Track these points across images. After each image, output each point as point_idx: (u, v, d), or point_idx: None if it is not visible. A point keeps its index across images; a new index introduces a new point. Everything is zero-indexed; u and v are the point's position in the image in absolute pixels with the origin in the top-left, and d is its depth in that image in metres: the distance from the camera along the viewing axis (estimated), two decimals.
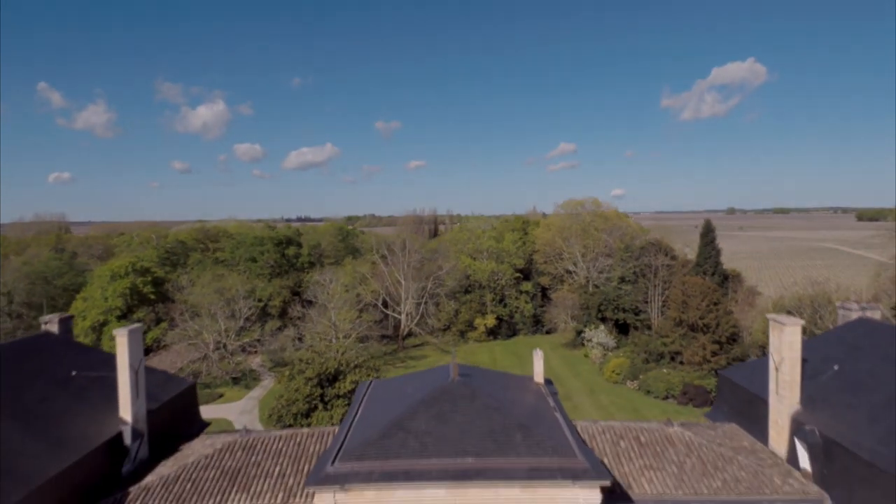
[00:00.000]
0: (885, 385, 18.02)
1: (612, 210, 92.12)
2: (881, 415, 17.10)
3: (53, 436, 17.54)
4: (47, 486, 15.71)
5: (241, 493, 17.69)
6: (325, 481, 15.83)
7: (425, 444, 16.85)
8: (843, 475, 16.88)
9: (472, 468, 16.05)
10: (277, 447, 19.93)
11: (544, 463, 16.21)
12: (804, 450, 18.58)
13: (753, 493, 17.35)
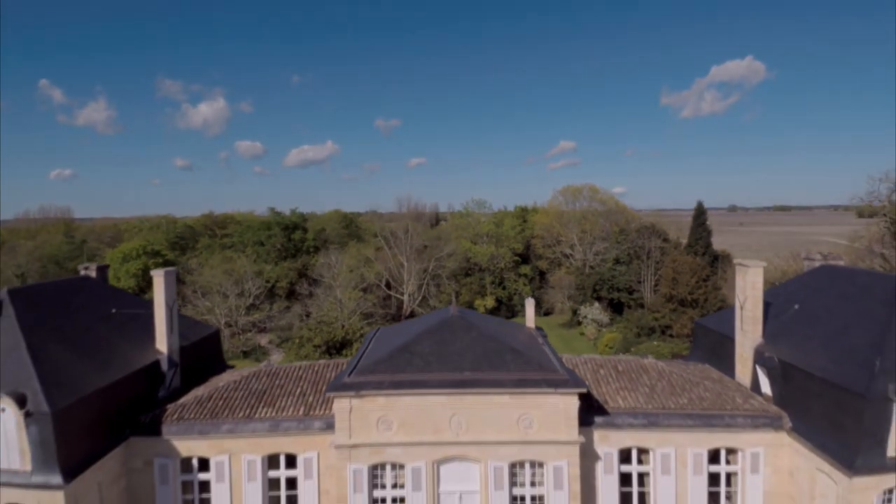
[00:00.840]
0: (840, 317, 20.21)
1: (609, 196, 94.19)
2: (833, 341, 19.31)
3: (97, 359, 19.94)
4: (93, 397, 18.08)
5: (266, 408, 20.13)
6: (342, 388, 18.28)
7: (428, 362, 19.27)
8: (799, 394, 19.19)
9: (468, 379, 18.47)
10: (298, 374, 22.38)
11: (530, 375, 18.63)
12: (765, 375, 20.95)
13: (716, 409, 19.74)
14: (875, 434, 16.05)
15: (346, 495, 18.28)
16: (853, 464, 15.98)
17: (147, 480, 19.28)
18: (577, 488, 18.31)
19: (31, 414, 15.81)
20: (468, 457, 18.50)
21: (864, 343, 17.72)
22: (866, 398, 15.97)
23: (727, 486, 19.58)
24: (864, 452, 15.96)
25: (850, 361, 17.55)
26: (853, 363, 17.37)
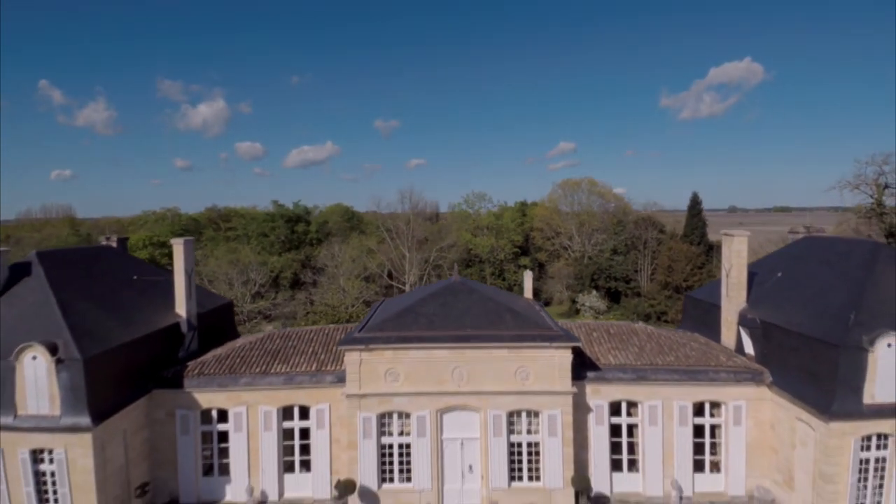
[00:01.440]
0: (819, 281, 21.42)
1: (608, 189, 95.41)
2: (812, 302, 20.53)
3: (122, 317, 21.20)
4: (119, 350, 19.31)
5: (281, 364, 21.43)
6: (353, 342, 19.60)
7: (432, 321, 20.57)
8: (779, 351, 20.44)
9: (469, 335, 19.77)
10: (310, 336, 23.69)
11: (527, 331, 19.93)
12: (748, 336, 22.22)
13: (701, 366, 21.04)
14: (850, 382, 17.26)
15: (357, 442, 19.62)
16: (829, 409, 17.18)
17: (169, 431, 20.61)
18: (570, 435, 19.62)
19: (62, 361, 17.09)
20: (469, 406, 19.81)
21: (841, 302, 18.94)
22: (841, 348, 17.21)
23: (711, 437, 20.89)
24: (839, 399, 17.18)
25: (827, 318, 18.80)
26: (830, 319, 18.62)
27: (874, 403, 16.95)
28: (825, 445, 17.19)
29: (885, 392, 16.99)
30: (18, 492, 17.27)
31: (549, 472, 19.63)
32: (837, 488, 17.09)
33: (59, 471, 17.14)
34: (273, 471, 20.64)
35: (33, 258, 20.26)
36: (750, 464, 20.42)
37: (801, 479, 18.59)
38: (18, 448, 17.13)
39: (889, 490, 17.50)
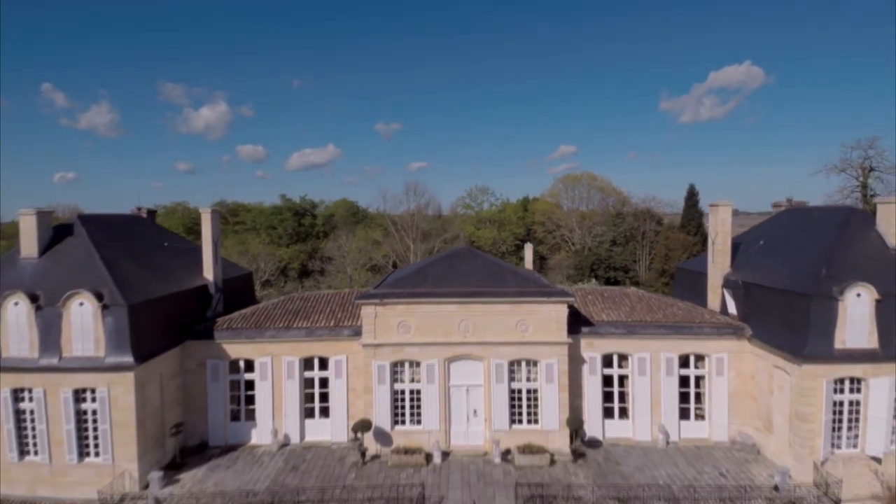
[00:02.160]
0: (797, 244, 22.97)
1: (607, 183, 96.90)
2: (789, 262, 22.05)
3: (157, 275, 22.88)
4: (157, 302, 21.03)
5: (302, 320, 23.13)
6: (369, 297, 21.31)
7: (441, 280, 22.23)
8: (759, 307, 21.98)
9: (474, 291, 21.43)
10: (327, 298, 25.42)
11: (527, 289, 21.58)
12: (730, 297, 23.81)
13: (686, 321, 22.65)
14: (822, 329, 18.76)
15: (372, 387, 21.31)
16: (803, 353, 18.70)
17: (200, 379, 22.34)
18: (566, 382, 21.26)
19: (107, 307, 18.81)
20: (474, 356, 21.47)
21: (815, 260, 20.49)
22: (813, 298, 18.78)
23: (696, 387, 22.48)
24: (812, 344, 18.71)
25: (801, 274, 20.38)
26: (804, 274, 20.20)
27: (845, 349, 18.50)
28: (800, 387, 18.77)
29: (856, 338, 18.53)
30: (58, 430, 18.89)
31: (547, 415, 21.28)
32: (812, 427, 18.65)
33: (100, 408, 18.86)
34: (295, 416, 22.35)
35: (75, 220, 22.02)
36: (732, 411, 22.02)
37: (779, 422, 20.18)
38: (61, 388, 18.81)
39: (864, 432, 19.01)
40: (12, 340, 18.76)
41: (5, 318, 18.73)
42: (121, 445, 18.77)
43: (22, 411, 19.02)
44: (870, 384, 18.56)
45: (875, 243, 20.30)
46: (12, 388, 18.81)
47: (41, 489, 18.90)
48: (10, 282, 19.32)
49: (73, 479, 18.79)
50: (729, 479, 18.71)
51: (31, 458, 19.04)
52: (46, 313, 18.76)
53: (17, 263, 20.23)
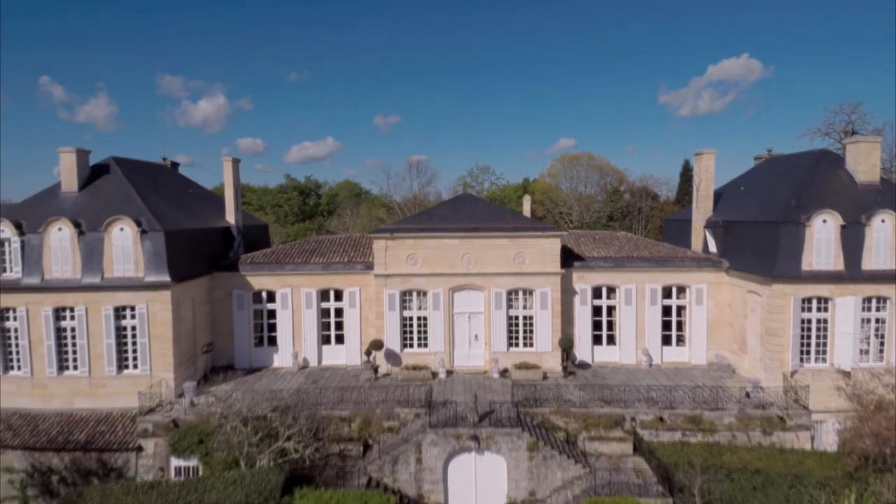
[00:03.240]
0: (772, 186, 24.32)
1: (605, 162, 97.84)
2: (764, 200, 23.42)
3: (186, 213, 24.38)
4: (189, 233, 22.52)
5: (318, 257, 24.65)
6: (381, 232, 22.87)
7: (445, 219, 23.71)
8: (736, 242, 23.40)
9: (476, 226, 22.90)
10: (341, 241, 26.90)
11: (523, 225, 23.08)
12: (711, 236, 25.28)
13: (669, 256, 24.16)
14: (790, 252, 20.18)
15: (383, 313, 22.92)
16: (772, 273, 20.18)
17: (226, 308, 23.95)
18: (559, 309, 22.84)
19: (146, 232, 20.35)
20: (475, 285, 23.02)
21: (787, 195, 21.87)
22: (782, 224, 20.22)
23: (678, 316, 24.07)
24: (781, 265, 20.17)
25: (774, 207, 21.80)
26: (776, 207, 21.60)
27: (811, 270, 19.98)
28: (770, 305, 20.32)
29: (822, 261, 20.01)
30: (99, 345, 20.49)
31: (541, 338, 22.91)
32: (781, 341, 20.23)
33: (139, 324, 20.49)
34: (313, 342, 24.00)
35: (110, 161, 23.43)
36: (710, 337, 23.63)
37: (752, 342, 21.79)
38: (102, 306, 20.39)
39: (832, 347, 20.56)
40: (55, 263, 20.32)
41: (48, 243, 20.27)
42: (158, 357, 20.44)
43: (62, 329, 20.64)
44: (836, 303, 20.09)
45: (843, 180, 21.69)
46: (54, 307, 20.42)
47: (79, 401, 20.47)
48: (52, 211, 20.84)
49: (112, 390, 20.46)
50: (704, 390, 20.35)
51: (70, 373, 20.65)
52: (88, 238, 20.30)
53: (58, 196, 21.73)
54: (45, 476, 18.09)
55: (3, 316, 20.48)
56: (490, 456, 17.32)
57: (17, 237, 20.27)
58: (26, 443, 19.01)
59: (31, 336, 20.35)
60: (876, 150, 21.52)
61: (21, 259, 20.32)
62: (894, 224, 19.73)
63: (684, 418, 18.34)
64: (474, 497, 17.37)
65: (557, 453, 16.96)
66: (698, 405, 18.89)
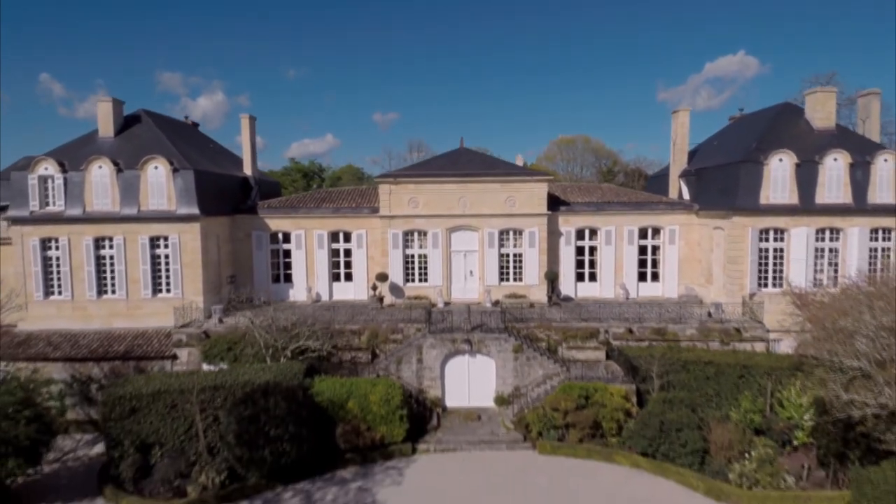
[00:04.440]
0: (739, 137, 26.07)
1: (601, 145, 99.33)
2: (731, 148, 25.24)
3: (210, 160, 26.24)
4: (214, 175, 24.46)
5: (329, 203, 26.58)
6: (385, 177, 24.79)
7: (444, 167, 25.60)
8: (705, 187, 25.25)
9: (471, 172, 24.79)
10: (349, 191, 28.84)
11: (514, 171, 24.96)
12: (685, 185, 27.18)
13: (646, 201, 26.09)
14: (750, 187, 22.02)
15: (388, 251, 24.89)
16: (733, 206, 22.09)
17: (246, 247, 25.92)
18: (545, 247, 24.78)
19: (177, 170, 22.26)
20: (470, 226, 24.96)
21: (750, 141, 23.75)
22: (742, 163, 22.12)
23: (653, 255, 26.04)
24: (741, 199, 22.03)
25: (737, 152, 23.68)
26: (738, 152, 23.50)
27: (769, 204, 21.89)
28: (731, 236, 22.26)
29: (778, 195, 21.90)
30: (135, 271, 22.47)
31: (529, 273, 24.89)
32: (741, 268, 22.20)
33: (172, 253, 22.48)
34: (325, 279, 25.99)
35: (141, 112, 25.33)
36: (681, 273, 25.60)
37: (717, 272, 23.76)
38: (139, 236, 22.38)
39: (788, 273, 22.45)
40: (96, 197, 22.25)
41: (89, 179, 22.19)
42: (189, 282, 22.45)
43: (102, 257, 22.61)
44: (791, 233, 22.03)
45: (802, 126, 23.52)
46: (94, 237, 22.39)
47: (116, 321, 22.51)
48: (92, 151, 22.71)
49: (147, 311, 22.49)
50: (671, 311, 22.33)
51: (109, 296, 22.65)
52: (126, 175, 22.21)
53: (96, 141, 23.62)
54: (84, 385, 20.03)
55: (46, 245, 22.48)
56: (481, 358, 19.40)
57: (60, 174, 22.20)
58: (67, 355, 20.97)
59: (72, 263, 22.36)
60: (831, 98, 23.35)
61: (64, 194, 22.26)
62: (845, 162, 21.63)
63: (651, 330, 20.36)
64: (467, 392, 19.49)
65: (539, 355, 19.03)
66: (664, 321, 20.93)
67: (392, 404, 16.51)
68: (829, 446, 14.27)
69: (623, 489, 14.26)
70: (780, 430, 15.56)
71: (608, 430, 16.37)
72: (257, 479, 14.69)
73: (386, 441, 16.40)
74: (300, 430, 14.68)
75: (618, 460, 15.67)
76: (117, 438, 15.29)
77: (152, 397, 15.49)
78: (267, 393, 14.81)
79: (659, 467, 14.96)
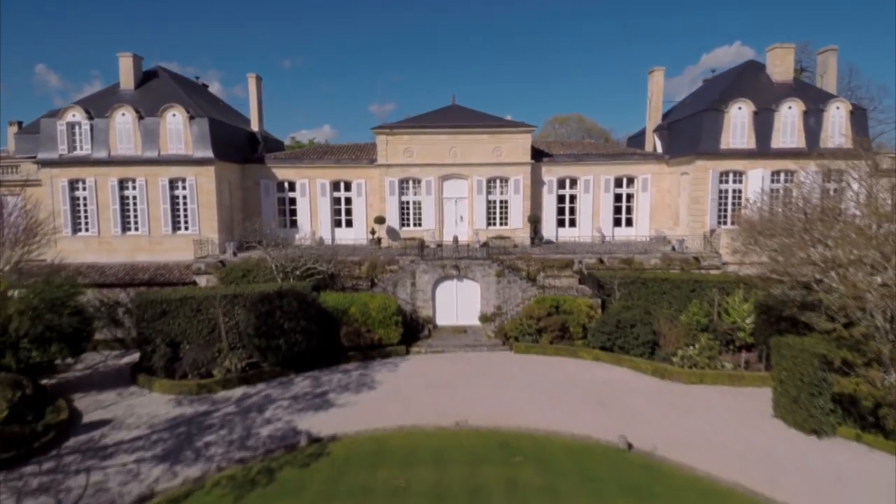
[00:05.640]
0: (707, 92, 27.81)
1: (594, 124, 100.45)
2: (697, 104, 26.86)
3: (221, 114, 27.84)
4: (226, 125, 26.15)
5: (330, 156, 28.39)
6: (382, 128, 26.51)
7: (436, 120, 27.35)
8: (674, 137, 27.10)
9: (462, 124, 26.57)
10: (350, 147, 30.62)
11: (500, 124, 26.73)
12: (658, 139, 29.01)
13: (622, 152, 27.94)
14: (712, 133, 23.91)
15: (385, 198, 26.79)
16: (696, 150, 24.04)
17: (255, 195, 27.78)
18: (528, 193, 26.70)
19: (193, 118, 24.01)
20: (461, 174, 26.83)
21: (715, 94, 25.54)
22: (706, 111, 23.96)
23: (627, 201, 28.01)
24: (703, 144, 23.94)
25: (702, 104, 25.47)
26: (704, 103, 25.29)
27: (728, 148, 23.80)
28: (694, 178, 24.21)
29: (737, 141, 23.80)
30: (156, 209, 24.37)
31: (513, 217, 26.85)
32: (703, 207, 24.18)
33: (189, 194, 24.35)
34: (327, 224, 27.92)
35: (158, 68, 26.95)
36: (652, 217, 27.59)
37: (683, 214, 25.76)
38: (159, 177, 24.23)
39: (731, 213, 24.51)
40: (120, 142, 24.02)
41: (113, 126, 23.93)
42: (205, 221, 24.36)
43: (125, 197, 24.47)
44: (748, 175, 23.97)
45: (762, 81, 25.30)
46: (119, 178, 24.22)
47: (139, 255, 24.47)
48: (116, 100, 24.41)
49: (167, 247, 24.44)
50: (638, 246, 24.37)
51: (132, 233, 24.59)
52: (147, 122, 23.96)
53: (118, 92, 25.29)
54: (111, 308, 22.09)
55: (74, 186, 24.32)
56: (467, 282, 21.47)
57: (86, 121, 23.92)
58: (95, 281, 22.89)
59: (98, 202, 24.22)
60: (790, 54, 25.09)
61: (90, 139, 24.02)
62: (799, 110, 23.47)
63: (619, 260, 22.40)
64: (455, 312, 21.60)
65: (519, 279, 21.09)
66: (631, 253, 22.97)
67: (388, 311, 18.62)
68: (764, 334, 16.26)
69: (583, 373, 16.43)
70: (723, 331, 17.69)
71: (575, 333, 18.51)
72: (273, 366, 16.84)
73: (383, 342, 18.55)
74: (310, 324, 16.78)
75: (581, 355, 17.85)
76: (149, 337, 17.38)
77: (180, 302, 17.55)
78: (281, 294, 16.87)
79: (616, 358, 17.13)
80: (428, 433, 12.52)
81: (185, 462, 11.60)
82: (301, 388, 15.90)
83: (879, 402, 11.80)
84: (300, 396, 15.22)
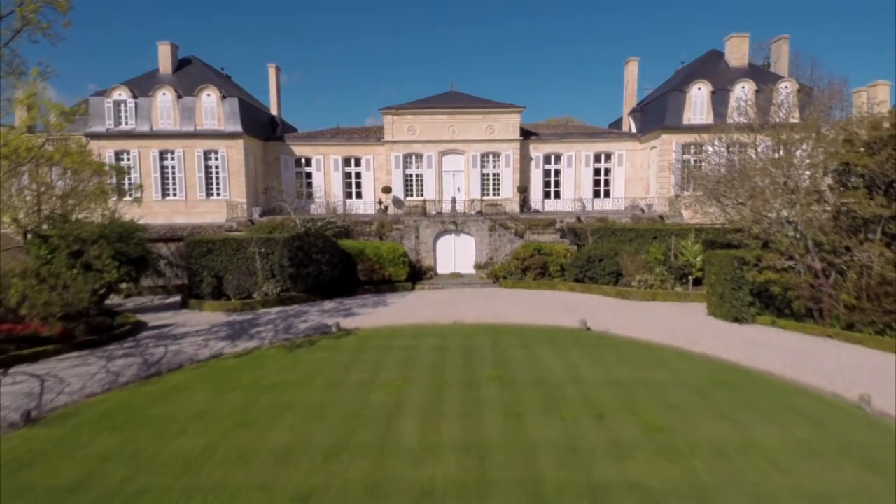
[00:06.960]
0: (675, 78, 31.46)
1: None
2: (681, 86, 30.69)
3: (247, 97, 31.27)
4: (250, 105, 29.46)
5: (342, 135, 31.70)
6: (389, 108, 29.84)
7: (436, 102, 30.71)
8: (645, 117, 30.54)
9: (459, 106, 29.96)
10: (358, 128, 33.93)
11: (493, 105, 30.12)
12: (633, 120, 32.42)
13: (600, 132, 31.31)
14: (675, 111, 27.42)
15: (391, 171, 30.05)
16: (662, 124, 27.48)
17: (276, 168, 31.04)
18: (518, 167, 30.05)
19: (225, 97, 27.31)
20: (458, 150, 30.16)
21: (679, 80, 29.03)
22: (670, 91, 27.45)
23: (605, 175, 31.35)
24: (668, 119, 27.42)
25: (670, 87, 28.95)
26: (671, 87, 28.77)
27: (690, 123, 27.24)
28: (661, 150, 27.61)
29: (697, 117, 27.26)
30: (192, 177, 27.68)
31: (504, 188, 30.17)
32: (667, 175, 27.56)
33: (221, 164, 27.60)
34: (340, 195, 31.17)
35: (192, 57, 30.30)
36: (627, 190, 30.95)
37: (653, 184, 29.09)
38: (195, 149, 27.51)
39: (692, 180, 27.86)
40: (160, 118, 27.28)
41: (155, 104, 27.20)
42: (234, 188, 27.59)
43: (165, 166, 27.69)
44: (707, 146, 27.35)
45: (721, 66, 28.82)
46: (160, 150, 27.44)
47: (177, 218, 27.69)
48: (157, 82, 27.71)
49: (202, 210, 27.65)
50: (612, 211, 27.66)
51: (170, 198, 27.82)
52: (184, 101, 27.24)
53: (157, 76, 28.63)
54: (154, 260, 25.22)
55: (119, 157, 27.50)
56: (464, 236, 24.69)
57: (131, 99, 27.18)
58: None
59: (141, 171, 27.42)
60: (745, 42, 28.66)
61: (135, 115, 27.26)
62: (751, 89, 26.89)
63: (595, 219, 25.68)
64: (454, 262, 24.79)
65: (508, 233, 24.33)
66: (605, 213, 26.25)
67: (397, 253, 21.84)
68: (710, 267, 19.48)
69: (559, 297, 19.64)
70: (678, 267, 20.91)
71: (554, 272, 21.73)
72: (302, 293, 19.96)
73: (393, 279, 21.75)
74: (333, 257, 19.97)
75: (559, 287, 21.08)
76: (197, 271, 20.51)
77: (223, 242, 20.73)
78: (308, 234, 20.06)
79: (587, 287, 20.36)
80: (432, 325, 15.67)
81: (243, 340, 14.73)
82: (328, 306, 19.08)
83: (786, 287, 14.90)
84: (328, 311, 18.38)
